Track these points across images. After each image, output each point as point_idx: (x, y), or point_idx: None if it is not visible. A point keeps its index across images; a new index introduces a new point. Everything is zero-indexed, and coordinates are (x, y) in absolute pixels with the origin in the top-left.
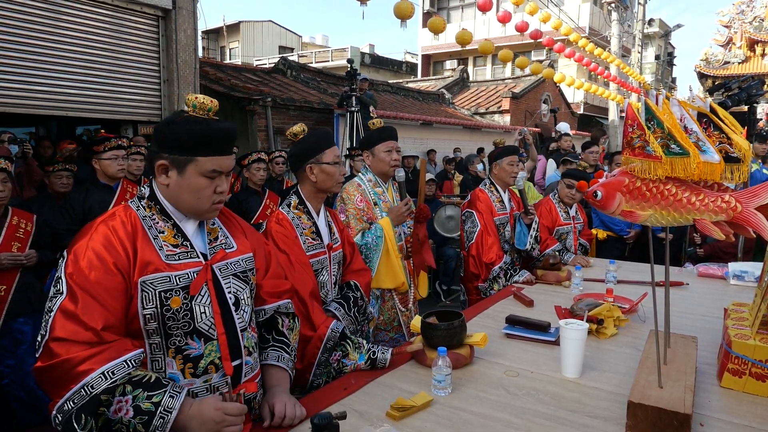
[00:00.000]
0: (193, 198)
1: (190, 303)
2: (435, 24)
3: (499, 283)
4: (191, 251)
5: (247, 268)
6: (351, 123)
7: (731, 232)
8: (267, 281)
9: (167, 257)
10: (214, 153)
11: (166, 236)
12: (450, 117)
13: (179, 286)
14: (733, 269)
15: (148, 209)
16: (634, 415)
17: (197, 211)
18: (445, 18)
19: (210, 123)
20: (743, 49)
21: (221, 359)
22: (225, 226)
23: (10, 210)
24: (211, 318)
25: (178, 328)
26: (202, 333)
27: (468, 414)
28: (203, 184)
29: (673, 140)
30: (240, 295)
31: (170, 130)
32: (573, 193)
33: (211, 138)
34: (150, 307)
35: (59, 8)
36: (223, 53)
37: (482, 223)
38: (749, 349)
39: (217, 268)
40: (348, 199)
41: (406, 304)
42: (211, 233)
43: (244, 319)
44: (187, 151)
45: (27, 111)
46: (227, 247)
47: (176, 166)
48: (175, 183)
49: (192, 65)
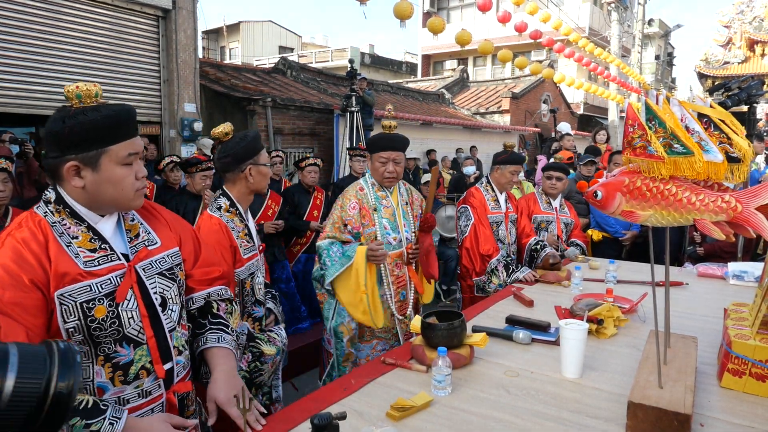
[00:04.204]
0: (116, 191)
1: (116, 310)
2: (435, 24)
3: (498, 276)
4: (111, 254)
5: (174, 263)
6: (351, 123)
7: (731, 232)
8: (197, 270)
9: (85, 264)
10: (124, 137)
11: (80, 241)
12: (450, 117)
13: (102, 294)
14: (732, 269)
15: (56, 213)
16: (634, 415)
17: (122, 204)
18: (444, 18)
19: (107, 108)
20: (743, 49)
21: (152, 363)
22: (146, 221)
23: (10, 210)
24: (139, 323)
25: (106, 337)
26: (131, 339)
27: (468, 414)
28: (123, 174)
29: (676, 140)
30: (167, 294)
31: (69, 127)
32: (553, 183)
33: (115, 122)
34: (72, 320)
35: (59, 8)
36: (223, 53)
37: (476, 216)
38: (749, 349)
39: (140, 269)
40: (342, 205)
41: (403, 311)
42: (131, 230)
43: (172, 319)
44: (96, 144)
45: (27, 111)
46: (150, 243)
47: (88, 163)
48: (91, 181)
49: (192, 65)
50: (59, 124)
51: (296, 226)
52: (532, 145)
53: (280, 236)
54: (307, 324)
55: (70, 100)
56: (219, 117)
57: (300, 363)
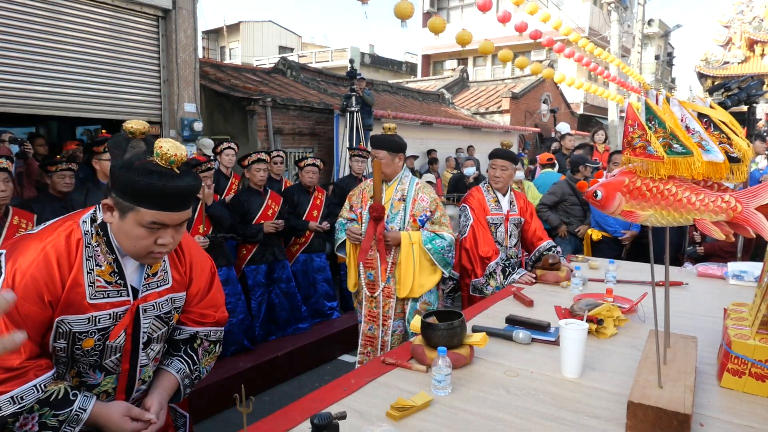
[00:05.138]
0: (130, 244)
1: (103, 344)
2: (435, 24)
3: (496, 279)
4: (122, 289)
5: (173, 308)
6: (351, 123)
7: (731, 232)
8: (197, 309)
9: (94, 295)
10: (159, 208)
11: (102, 270)
12: (450, 117)
13: (96, 328)
14: (732, 269)
15: (95, 237)
16: (634, 415)
17: (134, 256)
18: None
19: (163, 177)
20: (743, 49)
21: (116, 390)
22: (170, 258)
23: (11, 210)
24: (119, 357)
25: (85, 362)
26: (105, 368)
27: (468, 414)
28: (141, 234)
29: (675, 140)
30: (154, 335)
31: (122, 173)
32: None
33: (155, 194)
34: (61, 343)
35: (59, 8)
36: (223, 53)
37: (474, 217)
38: (749, 349)
39: (142, 309)
40: (352, 194)
41: (372, 290)
42: (152, 267)
43: (149, 357)
44: (130, 199)
45: (27, 111)
46: (162, 283)
47: (119, 208)
48: (116, 224)
49: (192, 65)
50: (124, 167)
51: (295, 226)
52: (532, 145)
53: (279, 236)
54: (307, 324)
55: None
56: (219, 117)
57: (300, 363)
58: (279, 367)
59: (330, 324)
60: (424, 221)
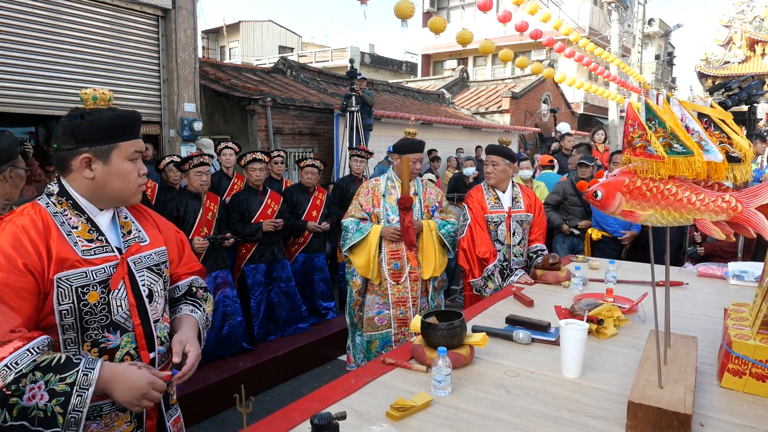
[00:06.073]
0: (122, 183)
1: (108, 297)
2: (435, 24)
3: (494, 281)
4: (106, 245)
5: (160, 261)
6: (351, 123)
7: (731, 231)
8: (181, 268)
9: (83, 252)
10: (133, 136)
11: (80, 231)
12: (450, 117)
13: (96, 281)
14: (732, 269)
15: (58, 205)
16: (634, 415)
17: (124, 197)
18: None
19: (118, 110)
20: (743, 48)
21: (137, 349)
22: (137, 220)
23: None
24: (127, 311)
25: (95, 322)
26: (119, 325)
27: (468, 414)
28: (129, 168)
29: (675, 139)
30: (153, 287)
31: (87, 123)
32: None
33: (127, 122)
34: (66, 303)
35: (59, 8)
36: (223, 53)
37: (472, 217)
38: (749, 349)
39: (131, 262)
40: (359, 193)
41: (396, 278)
42: (124, 227)
43: (157, 311)
44: (109, 139)
45: (27, 111)
46: (140, 240)
47: (100, 156)
48: (101, 173)
49: (192, 65)
50: (77, 119)
51: (294, 226)
52: (532, 145)
53: (279, 235)
54: (307, 324)
55: (85, 102)
56: (219, 117)
57: (300, 363)
58: (278, 368)
59: (330, 324)
60: (434, 211)
